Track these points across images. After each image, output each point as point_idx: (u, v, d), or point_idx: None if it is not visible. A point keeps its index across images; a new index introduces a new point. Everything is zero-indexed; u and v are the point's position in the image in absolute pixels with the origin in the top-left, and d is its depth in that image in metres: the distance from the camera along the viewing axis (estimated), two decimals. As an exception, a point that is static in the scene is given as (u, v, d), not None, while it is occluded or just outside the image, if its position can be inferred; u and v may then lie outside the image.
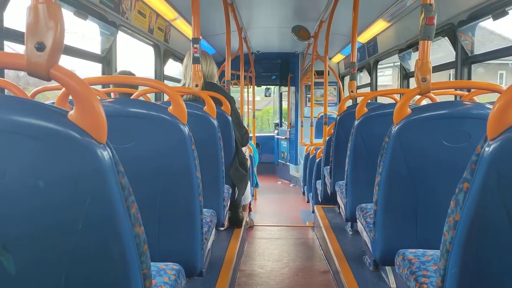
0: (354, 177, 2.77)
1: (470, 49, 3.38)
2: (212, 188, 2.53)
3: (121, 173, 0.94)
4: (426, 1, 1.77)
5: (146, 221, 1.62)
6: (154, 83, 1.82)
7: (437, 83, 1.85)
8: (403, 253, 1.69)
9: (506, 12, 2.78)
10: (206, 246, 2.04)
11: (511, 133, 0.96)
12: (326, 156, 4.11)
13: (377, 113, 2.57)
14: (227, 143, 2.87)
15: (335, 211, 4.20)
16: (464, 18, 3.25)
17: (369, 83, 6.31)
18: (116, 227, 0.93)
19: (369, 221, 2.26)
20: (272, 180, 10.14)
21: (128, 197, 0.96)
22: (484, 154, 1.00)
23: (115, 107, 1.68)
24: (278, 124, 11.31)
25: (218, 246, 3.06)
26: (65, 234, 0.90)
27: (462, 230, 1.07)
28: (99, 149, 0.88)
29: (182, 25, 5.15)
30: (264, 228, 5.21)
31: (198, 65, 2.58)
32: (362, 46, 6.33)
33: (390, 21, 4.92)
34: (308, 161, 5.84)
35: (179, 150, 1.70)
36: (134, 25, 3.88)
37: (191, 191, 1.77)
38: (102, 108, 0.89)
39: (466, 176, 1.05)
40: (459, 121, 1.75)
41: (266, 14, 5.92)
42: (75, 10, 2.92)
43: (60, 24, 0.87)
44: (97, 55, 3.48)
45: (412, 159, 1.83)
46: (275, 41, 8.04)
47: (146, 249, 1.05)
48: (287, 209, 6.98)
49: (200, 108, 2.44)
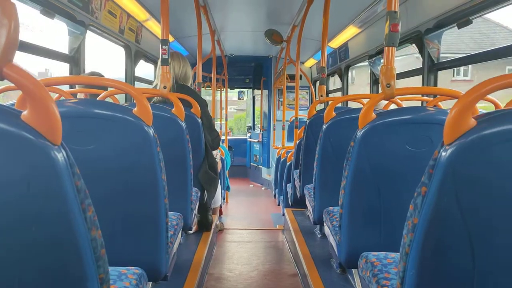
0: (322, 180, 2.79)
1: (436, 56, 3.46)
2: (180, 191, 2.51)
3: (76, 175, 0.92)
4: (391, 9, 1.80)
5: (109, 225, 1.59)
6: (119, 84, 1.79)
7: (401, 89, 1.88)
8: (366, 256, 1.71)
9: (470, 21, 2.86)
10: (172, 250, 2.02)
11: (466, 139, 0.99)
12: (296, 159, 4.14)
13: (345, 117, 2.59)
14: (196, 145, 2.85)
15: (304, 214, 4.23)
16: (430, 26, 3.32)
17: (341, 88, 6.39)
18: (70, 230, 0.91)
19: (335, 224, 2.28)
20: (244, 183, 10.13)
21: (84, 199, 0.94)
22: (440, 159, 1.02)
23: (78, 108, 1.65)
24: (250, 127, 11.32)
25: (186, 250, 3.04)
26: (17, 236, 0.88)
27: (420, 233, 1.09)
28: (53, 151, 0.86)
29: (154, 26, 5.10)
30: (234, 231, 5.19)
31: (166, 66, 2.56)
32: (334, 51, 6.41)
33: (361, 27, 4.99)
34: (280, 164, 5.86)
35: (144, 152, 1.68)
36: (104, 25, 3.82)
37: (155, 194, 1.74)
38: (57, 109, 0.87)
39: (424, 180, 1.07)
40: (422, 126, 1.78)
41: (239, 17, 5.92)
42: (41, 8, 2.86)
43: (14, 22, 0.85)
44: (65, 55, 3.41)
45: (377, 163, 1.86)
46: (248, 44, 8.06)
47: (103, 253, 1.03)
48: (258, 212, 6.99)
49: (168, 110, 2.42)
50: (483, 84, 0.99)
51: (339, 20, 4.99)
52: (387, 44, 1.83)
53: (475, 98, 1.00)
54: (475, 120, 1.00)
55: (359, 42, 5.34)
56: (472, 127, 0.99)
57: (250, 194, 8.87)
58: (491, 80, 0.99)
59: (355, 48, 5.59)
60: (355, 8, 4.51)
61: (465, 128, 0.99)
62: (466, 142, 0.99)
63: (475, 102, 1.00)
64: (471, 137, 0.98)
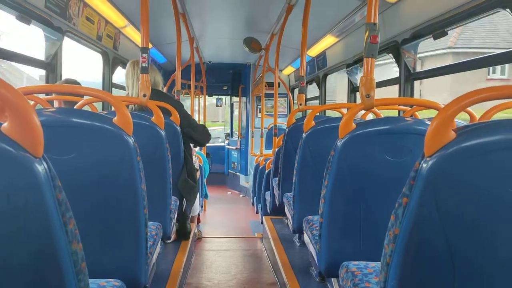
0: (302, 189, 2.80)
1: (413, 66, 3.53)
2: (159, 200, 2.48)
3: (58, 187, 0.90)
4: (370, 21, 1.84)
5: (88, 236, 1.56)
6: (97, 92, 1.77)
7: (380, 100, 1.91)
8: (347, 265, 1.72)
9: (445, 33, 2.93)
10: (151, 261, 2.00)
11: (446, 151, 1.01)
12: (275, 167, 4.14)
13: (324, 126, 2.61)
14: (175, 154, 2.83)
15: (283, 222, 4.23)
16: (407, 37, 3.39)
17: (319, 96, 6.45)
18: (51, 244, 0.89)
19: (315, 233, 2.29)
20: (222, 190, 10.09)
21: (66, 212, 0.92)
22: (421, 171, 1.04)
23: (57, 117, 1.62)
24: (229, 134, 11.31)
25: (164, 259, 3.00)
26: None
27: (401, 243, 1.10)
28: (35, 164, 0.84)
29: (132, 32, 5.06)
30: (212, 239, 5.16)
31: (146, 75, 2.54)
32: (312, 60, 6.47)
33: (339, 37, 5.05)
34: (258, 172, 5.86)
35: (124, 162, 1.66)
36: (81, 31, 3.77)
37: (135, 204, 1.72)
38: (39, 120, 0.85)
39: (405, 191, 1.09)
40: (400, 136, 1.81)
41: (218, 25, 5.93)
42: (17, 14, 2.80)
43: None
44: (41, 61, 3.35)
45: (357, 172, 1.88)
46: (227, 52, 8.07)
47: (84, 267, 1.01)
48: (237, 220, 6.97)
49: (148, 119, 2.40)
50: (463, 97, 1.02)
51: (317, 29, 5.04)
52: (367, 55, 1.86)
53: (455, 110, 1.02)
54: (455, 133, 1.02)
55: (337, 51, 5.41)
56: (451, 140, 1.01)
57: (228, 202, 8.84)
58: (471, 93, 1.01)
59: (333, 57, 5.65)
60: (333, 18, 4.57)
61: (445, 140, 1.01)
62: (446, 154, 1.00)
63: (455, 114, 1.02)
64: (451, 149, 1.00)
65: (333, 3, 4.12)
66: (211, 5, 4.88)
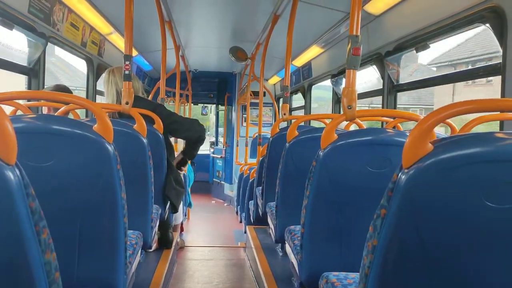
0: (284, 199, 2.80)
1: (396, 78, 3.57)
2: (140, 209, 2.46)
3: (31, 196, 0.89)
4: (352, 33, 1.85)
5: (65, 245, 1.54)
6: (78, 99, 1.75)
7: (362, 111, 1.93)
8: (327, 276, 1.72)
9: (427, 46, 2.97)
10: (130, 270, 1.97)
11: (424, 163, 1.01)
12: (258, 176, 4.13)
13: (307, 136, 2.62)
14: (158, 162, 2.81)
15: (266, 231, 4.21)
16: (391, 49, 3.43)
17: (304, 106, 6.48)
18: (23, 254, 0.87)
19: (296, 244, 2.28)
20: (207, 199, 10.05)
21: (39, 222, 0.91)
22: (399, 182, 1.04)
23: (36, 123, 1.60)
24: (214, 143, 11.28)
25: (145, 269, 2.96)
26: None
27: (380, 255, 1.10)
28: (6, 171, 0.82)
29: (118, 39, 5.03)
30: (195, 248, 5.12)
31: (129, 82, 2.52)
32: (298, 70, 6.50)
33: (324, 47, 5.10)
34: (242, 181, 5.85)
35: (103, 170, 1.64)
36: (65, 38, 3.74)
37: (115, 213, 1.70)
38: (12, 127, 0.83)
39: (383, 202, 1.09)
40: (381, 147, 1.82)
41: (204, 33, 5.93)
42: (0, 19, 2.77)
43: None
44: (23, 67, 3.31)
45: (338, 183, 1.88)
46: (213, 60, 8.08)
47: (57, 277, 0.99)
48: (221, 228, 6.93)
49: (130, 126, 2.38)
50: (442, 109, 1.02)
51: (303, 40, 5.08)
52: (349, 67, 1.87)
53: (433, 122, 1.03)
54: (432, 145, 1.03)
55: (322, 61, 5.45)
56: (429, 152, 1.02)
57: (212, 211, 8.80)
58: (451, 106, 1.02)
59: (318, 67, 5.69)
60: (319, 29, 4.61)
61: (423, 153, 1.02)
62: (423, 166, 1.01)
63: (433, 126, 1.03)
64: (428, 161, 1.01)
65: (318, 15, 4.16)
66: (197, 14, 4.89)
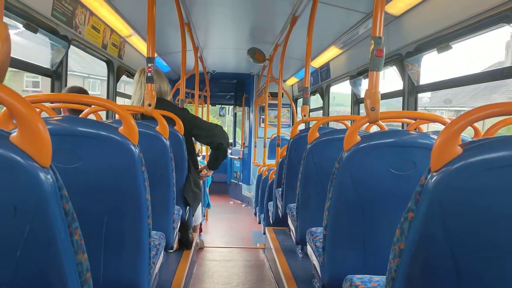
0: (305, 200, 2.79)
1: (416, 79, 3.53)
2: (162, 210, 2.48)
3: (65, 197, 0.91)
4: (375, 34, 1.84)
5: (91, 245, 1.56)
6: (103, 102, 1.78)
7: (385, 113, 1.92)
8: (351, 278, 1.71)
9: (449, 46, 2.94)
10: (154, 271, 1.99)
11: (453, 166, 1.00)
12: (278, 178, 4.13)
13: (328, 138, 2.61)
14: (179, 163, 2.83)
15: (286, 233, 4.21)
16: (411, 50, 3.40)
17: (322, 107, 6.45)
18: (57, 255, 0.89)
19: (318, 246, 2.27)
20: (225, 200, 10.08)
21: (72, 223, 0.92)
22: (427, 186, 1.03)
23: (63, 126, 1.63)
24: (231, 144, 11.31)
25: (166, 269, 2.99)
26: (2, 261, 0.85)
27: (407, 258, 1.09)
28: (42, 173, 0.84)
29: (137, 41, 5.09)
30: (214, 249, 5.15)
31: (151, 84, 2.55)
32: (316, 71, 6.48)
33: (343, 48, 5.07)
34: (261, 182, 5.85)
35: (129, 172, 1.66)
36: (87, 40, 3.80)
37: (139, 214, 1.72)
38: (47, 129, 0.85)
39: (411, 206, 1.09)
40: (405, 149, 1.81)
41: (222, 35, 5.96)
42: (24, 22, 2.83)
43: (6, 43, 0.84)
44: (47, 69, 3.37)
45: (361, 185, 1.87)
46: (231, 61, 8.10)
47: (89, 277, 1.01)
48: (239, 229, 6.95)
49: (153, 128, 2.40)
50: (471, 112, 1.01)
51: (321, 41, 5.06)
52: (372, 69, 1.86)
53: (462, 125, 1.02)
54: (461, 148, 1.02)
55: (341, 62, 5.42)
56: (458, 155, 1.01)
57: (230, 211, 8.82)
58: (479, 109, 1.01)
59: (336, 68, 5.66)
60: (337, 30, 4.59)
61: (451, 156, 1.01)
62: (452, 169, 1.00)
63: (462, 129, 1.02)
64: (457, 164, 1.00)
65: (337, 15, 4.14)
66: (216, 16, 4.92)
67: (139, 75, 3.05)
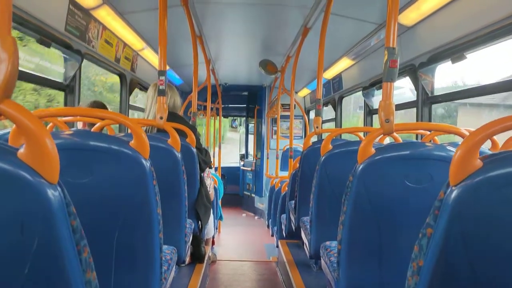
0: (319, 214, 2.74)
1: (430, 89, 3.48)
2: (174, 224, 2.46)
3: (73, 214, 0.89)
4: (389, 45, 1.81)
5: (101, 261, 1.54)
6: (115, 116, 1.77)
7: (400, 124, 1.88)
8: (367, 295, 1.67)
9: (464, 56, 2.89)
10: (165, 286, 1.96)
11: (474, 180, 0.96)
12: (291, 190, 4.09)
13: (342, 150, 2.57)
14: (190, 176, 2.81)
15: (299, 246, 4.16)
16: (424, 60, 3.36)
17: (334, 118, 6.41)
18: (65, 274, 0.87)
19: (333, 260, 2.23)
20: (237, 212, 10.03)
21: (80, 240, 0.90)
22: (447, 200, 1.00)
23: (74, 140, 1.62)
24: (244, 156, 11.30)
25: (178, 283, 2.96)
26: (9, 280, 0.83)
27: (426, 276, 1.05)
28: (50, 190, 0.82)
29: (150, 54, 5.12)
30: (227, 263, 5.10)
31: (163, 97, 2.55)
32: (328, 82, 6.46)
33: (355, 59, 5.05)
34: (273, 194, 5.81)
35: (140, 186, 1.64)
36: (100, 54, 3.83)
37: (150, 229, 1.70)
38: (55, 145, 0.84)
39: (429, 221, 1.05)
40: (421, 162, 1.76)
41: (234, 47, 5.97)
42: (38, 37, 2.86)
43: (14, 57, 0.82)
44: (60, 83, 3.40)
45: (376, 199, 1.83)
46: (243, 73, 8.11)
47: None
48: (251, 242, 6.89)
49: (164, 141, 2.39)
50: (491, 124, 0.98)
51: (333, 52, 5.04)
52: (386, 80, 1.83)
53: (483, 138, 0.98)
54: (481, 161, 0.98)
55: (353, 73, 5.40)
56: (478, 168, 0.97)
57: (243, 224, 8.77)
58: (500, 120, 0.97)
59: (348, 79, 5.63)
60: (350, 41, 4.57)
61: (472, 169, 0.97)
62: (473, 183, 0.96)
63: (483, 142, 0.98)
64: (477, 178, 0.96)
65: (349, 26, 4.12)
66: (227, 28, 4.93)
67: (153, 91, 3.04)
